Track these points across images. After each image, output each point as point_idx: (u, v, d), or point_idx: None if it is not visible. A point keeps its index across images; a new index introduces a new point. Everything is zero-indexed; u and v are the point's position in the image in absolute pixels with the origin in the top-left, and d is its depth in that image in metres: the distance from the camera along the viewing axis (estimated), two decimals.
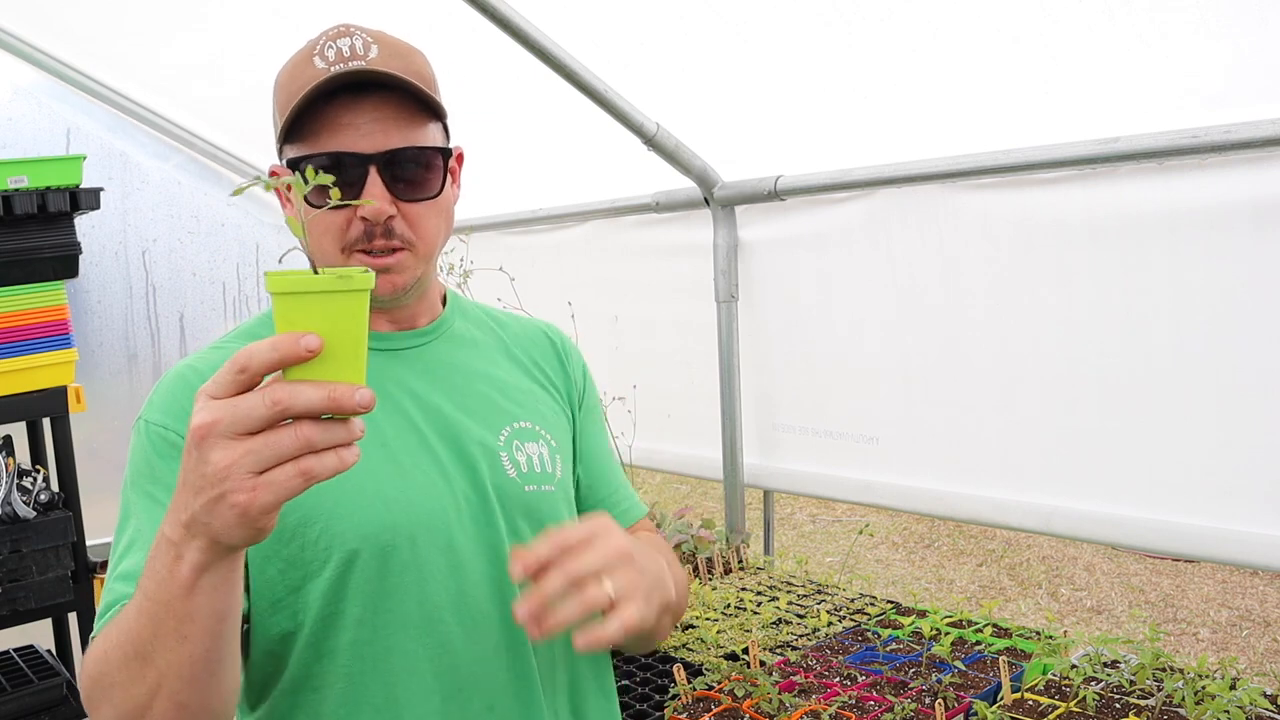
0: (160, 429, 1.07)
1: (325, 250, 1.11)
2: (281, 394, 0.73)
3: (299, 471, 0.74)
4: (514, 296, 2.77)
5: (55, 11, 2.67)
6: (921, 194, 2.25)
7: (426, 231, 1.13)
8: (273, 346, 0.74)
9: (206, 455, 0.74)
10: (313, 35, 1.12)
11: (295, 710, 1.09)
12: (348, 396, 0.74)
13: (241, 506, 0.74)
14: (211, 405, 0.75)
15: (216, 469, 0.74)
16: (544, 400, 1.29)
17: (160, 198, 3.32)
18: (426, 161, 1.11)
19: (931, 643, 2.08)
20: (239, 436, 0.74)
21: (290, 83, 1.09)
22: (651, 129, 2.40)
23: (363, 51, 1.07)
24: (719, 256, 2.67)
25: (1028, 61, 1.86)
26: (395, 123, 1.08)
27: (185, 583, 0.81)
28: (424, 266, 1.15)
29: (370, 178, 1.07)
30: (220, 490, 0.74)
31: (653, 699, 1.99)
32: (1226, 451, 1.85)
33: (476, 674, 1.12)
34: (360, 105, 1.07)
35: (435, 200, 1.13)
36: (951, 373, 2.27)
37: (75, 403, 2.47)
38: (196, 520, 0.77)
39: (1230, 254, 1.81)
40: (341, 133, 1.07)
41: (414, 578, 1.09)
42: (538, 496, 1.20)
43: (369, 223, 1.08)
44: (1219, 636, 5.10)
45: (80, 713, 2.35)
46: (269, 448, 0.74)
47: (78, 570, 2.43)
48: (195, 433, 0.75)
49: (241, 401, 0.74)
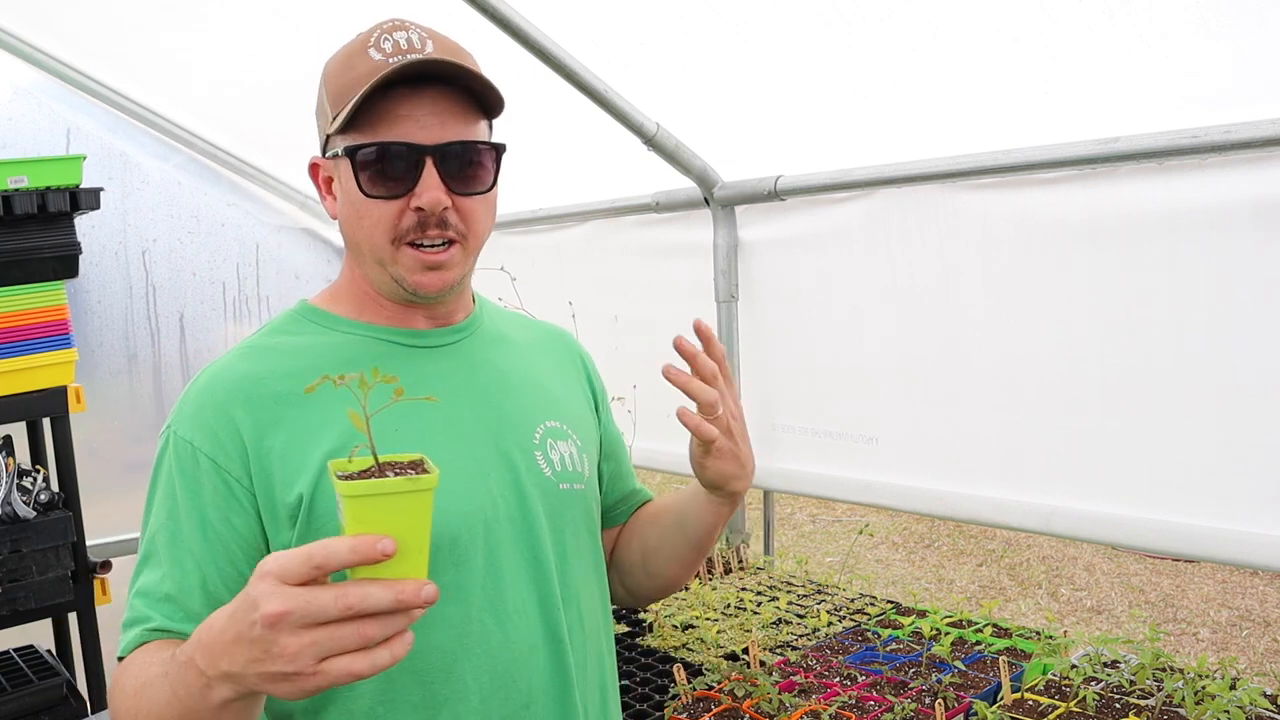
0: (187, 444, 1.08)
1: (375, 241, 1.11)
2: (353, 599, 0.77)
3: (349, 671, 0.78)
4: (514, 296, 2.77)
5: (55, 11, 2.67)
6: (921, 194, 2.25)
7: (477, 225, 1.14)
8: (351, 549, 0.77)
9: (276, 638, 0.78)
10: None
11: (329, 706, 1.10)
12: (414, 596, 0.78)
13: (298, 684, 0.80)
14: (283, 593, 0.78)
15: (284, 652, 0.78)
16: (572, 399, 1.31)
17: (160, 198, 3.31)
18: (481, 156, 1.12)
19: (931, 643, 2.08)
20: (308, 627, 0.78)
21: (344, 73, 1.09)
22: (651, 129, 2.40)
23: (419, 45, 1.08)
24: (719, 256, 2.67)
25: (1028, 61, 1.86)
26: (453, 116, 1.09)
27: (213, 707, 0.86)
28: (471, 261, 1.17)
29: (426, 169, 1.07)
30: (284, 670, 0.79)
31: (653, 699, 1.99)
32: (1226, 451, 1.85)
33: (513, 672, 1.13)
34: (419, 97, 1.07)
35: (486, 195, 1.14)
36: (951, 373, 2.26)
37: (75, 403, 2.47)
38: (243, 678, 0.82)
39: (1230, 254, 1.80)
40: (400, 124, 1.07)
41: (453, 576, 1.10)
42: (571, 495, 1.22)
43: (424, 213, 1.08)
44: (1219, 636, 5.10)
45: (80, 713, 2.35)
46: (333, 641, 0.78)
47: (78, 570, 2.43)
48: (267, 618, 0.77)
49: (315, 599, 0.77)
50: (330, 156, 1.13)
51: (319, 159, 1.17)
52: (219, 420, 1.07)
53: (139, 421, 3.25)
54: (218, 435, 1.07)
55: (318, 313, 1.20)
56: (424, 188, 1.07)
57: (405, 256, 1.11)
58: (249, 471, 1.06)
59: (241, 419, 1.07)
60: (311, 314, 1.20)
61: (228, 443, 1.06)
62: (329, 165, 1.15)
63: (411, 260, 1.11)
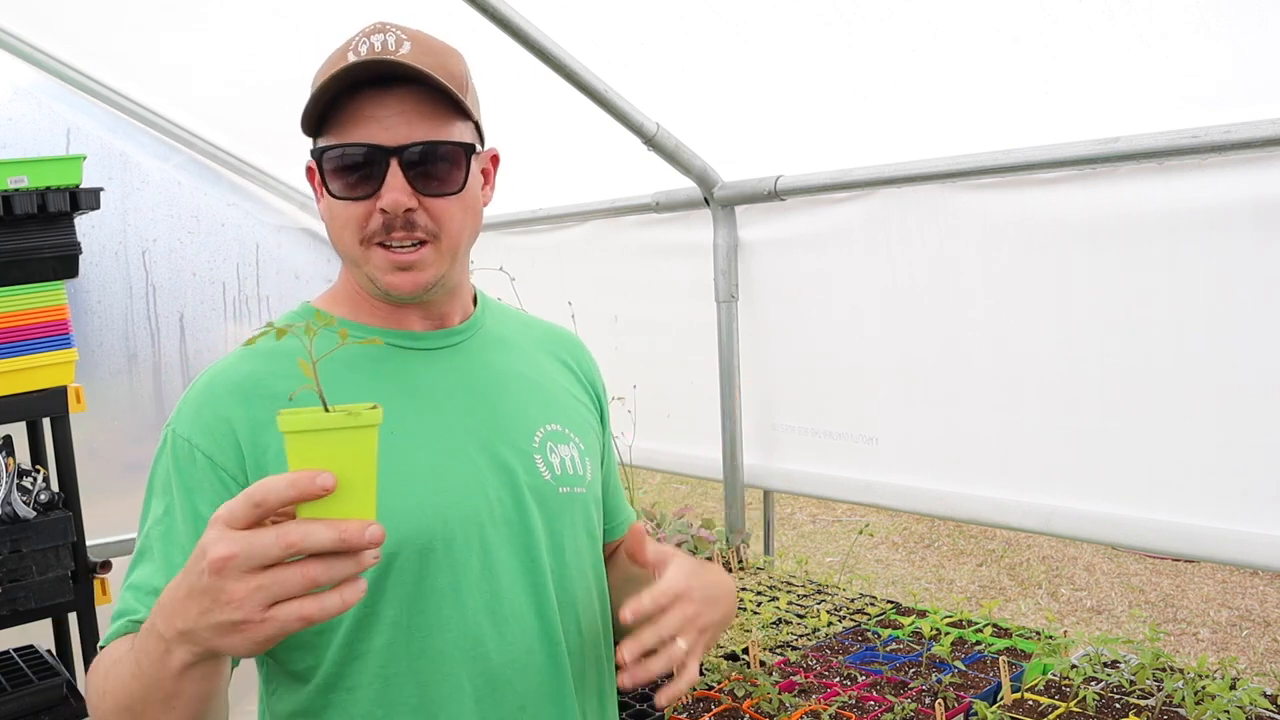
0: (185, 441, 1.08)
1: (345, 242, 1.12)
2: (294, 536, 0.76)
3: (299, 615, 0.77)
4: (514, 296, 2.77)
5: (55, 11, 2.67)
6: (921, 194, 2.25)
7: (451, 225, 1.12)
8: (290, 484, 0.76)
9: (223, 585, 0.77)
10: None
11: (327, 709, 1.10)
12: (358, 535, 0.77)
13: (248, 634, 0.78)
14: (228, 537, 0.77)
15: (232, 598, 0.77)
16: (575, 402, 1.31)
17: (160, 198, 3.31)
18: (448, 156, 1.10)
19: (931, 643, 2.08)
20: (252, 571, 0.77)
21: (321, 76, 1.10)
22: (651, 129, 2.40)
23: (394, 47, 1.08)
24: (719, 256, 2.67)
25: (1028, 61, 1.86)
26: (419, 117, 1.08)
27: (173, 672, 0.86)
28: (448, 262, 1.15)
29: (391, 170, 1.07)
30: (232, 618, 0.78)
31: (652, 699, 1.99)
32: (1226, 451, 1.85)
33: (510, 675, 1.13)
34: (385, 99, 1.07)
35: (458, 196, 1.12)
36: (951, 373, 2.27)
37: (75, 403, 2.47)
38: (196, 633, 0.81)
39: (1230, 254, 1.80)
40: (365, 124, 1.07)
41: (449, 580, 1.10)
42: (570, 499, 1.21)
43: (388, 215, 1.08)
44: (1219, 636, 5.10)
45: (80, 713, 2.35)
46: (277, 584, 0.77)
47: (78, 570, 2.43)
48: (213, 563, 0.77)
49: (256, 539, 0.76)
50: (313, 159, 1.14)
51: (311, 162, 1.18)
52: (217, 419, 1.08)
53: (139, 421, 3.25)
54: (215, 434, 1.07)
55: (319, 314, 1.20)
56: (386, 189, 1.07)
57: (376, 256, 1.11)
58: (245, 469, 1.07)
59: (239, 418, 1.08)
60: (312, 315, 1.20)
61: (225, 441, 1.07)
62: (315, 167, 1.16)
63: (382, 260, 1.11)
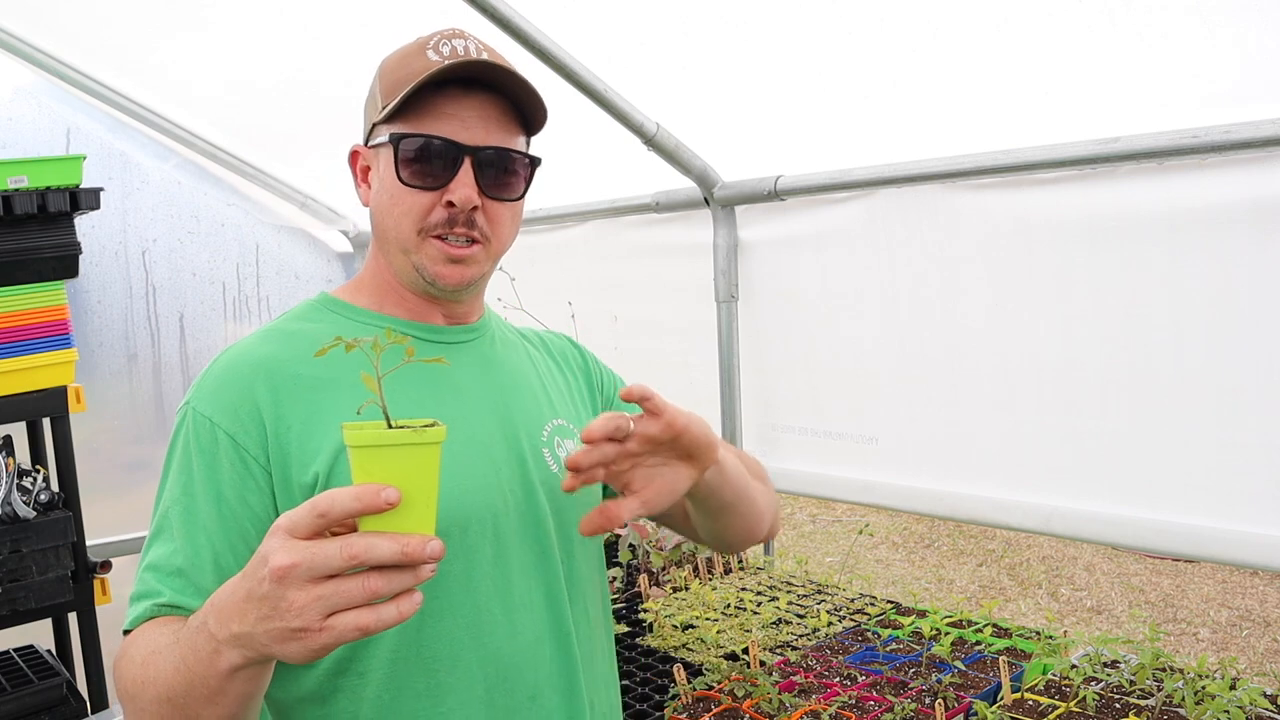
0: (206, 420, 1.08)
1: (402, 230, 1.15)
2: (358, 548, 0.77)
3: (356, 625, 0.78)
4: (514, 296, 2.77)
5: (55, 11, 2.67)
6: (921, 194, 2.25)
7: (501, 231, 1.17)
8: (355, 497, 0.78)
9: (284, 593, 0.78)
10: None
11: (337, 694, 1.10)
12: (420, 550, 0.78)
13: (305, 641, 0.79)
14: (290, 546, 0.79)
15: (292, 606, 0.78)
16: (576, 400, 1.35)
17: (160, 198, 3.32)
18: (517, 165, 1.16)
19: (931, 643, 2.08)
20: (314, 581, 0.78)
21: (400, 69, 1.14)
22: (651, 129, 2.40)
23: (475, 54, 1.13)
24: (719, 256, 2.67)
25: (1028, 61, 1.86)
26: (497, 122, 1.14)
27: (221, 673, 0.86)
28: (491, 265, 1.20)
29: (464, 167, 1.12)
30: (292, 625, 0.79)
31: (653, 699, 1.99)
32: (1226, 451, 1.85)
33: (519, 663, 1.14)
34: (467, 100, 1.12)
35: (514, 204, 1.18)
36: (951, 373, 2.26)
37: (75, 403, 2.47)
38: (252, 637, 0.82)
39: (1230, 254, 1.80)
40: (445, 121, 1.12)
41: (462, 566, 1.11)
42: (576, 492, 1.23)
43: (454, 209, 1.12)
44: (1219, 636, 5.10)
45: (80, 713, 2.35)
46: (338, 595, 0.78)
47: (78, 570, 2.43)
48: (275, 571, 0.78)
49: (320, 550, 0.78)
50: (373, 145, 1.18)
51: (360, 147, 1.22)
52: (240, 398, 1.08)
53: (139, 421, 3.25)
54: (238, 413, 1.08)
55: (338, 303, 1.23)
56: (458, 184, 1.11)
57: (430, 247, 1.14)
58: (266, 450, 1.07)
59: (262, 397, 1.09)
60: (332, 304, 1.24)
61: (247, 420, 1.07)
62: (369, 154, 1.20)
63: (436, 251, 1.14)
